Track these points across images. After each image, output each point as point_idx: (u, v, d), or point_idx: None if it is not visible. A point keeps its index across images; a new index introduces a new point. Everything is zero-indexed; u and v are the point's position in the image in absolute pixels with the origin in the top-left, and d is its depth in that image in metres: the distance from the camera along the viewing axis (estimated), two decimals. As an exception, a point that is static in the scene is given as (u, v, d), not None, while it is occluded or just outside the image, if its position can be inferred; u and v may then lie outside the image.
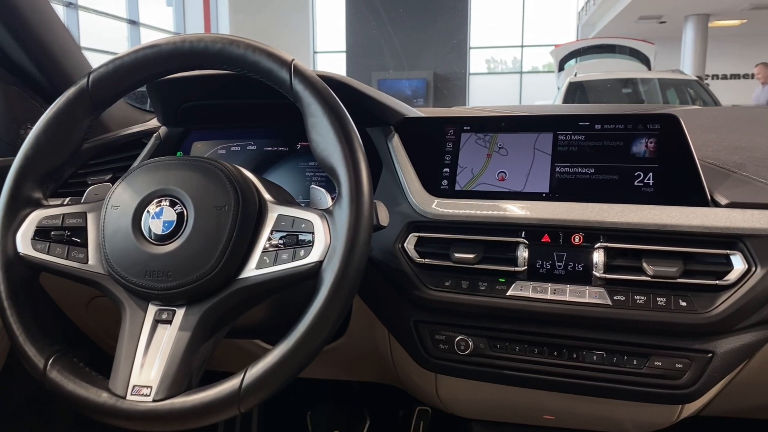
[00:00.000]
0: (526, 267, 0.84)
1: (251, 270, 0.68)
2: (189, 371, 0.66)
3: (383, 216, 0.71)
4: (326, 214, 0.68)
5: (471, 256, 0.85)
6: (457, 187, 0.92)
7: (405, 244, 0.88)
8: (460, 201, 0.89)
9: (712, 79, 14.07)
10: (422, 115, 1.03)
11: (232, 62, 0.71)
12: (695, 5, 11.84)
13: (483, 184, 0.91)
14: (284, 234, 0.68)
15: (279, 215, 0.70)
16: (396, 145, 0.96)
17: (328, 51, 15.98)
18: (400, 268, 0.88)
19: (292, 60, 0.70)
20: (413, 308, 0.90)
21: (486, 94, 16.05)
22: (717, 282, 0.77)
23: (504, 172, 0.90)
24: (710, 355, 0.78)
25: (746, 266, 0.76)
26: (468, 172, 0.92)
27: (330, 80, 0.82)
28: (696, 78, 7.44)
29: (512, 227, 0.86)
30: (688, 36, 12.56)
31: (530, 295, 0.82)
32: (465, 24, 14.10)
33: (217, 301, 0.68)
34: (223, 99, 1.04)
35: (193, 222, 0.68)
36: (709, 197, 0.81)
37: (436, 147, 0.94)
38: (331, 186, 0.70)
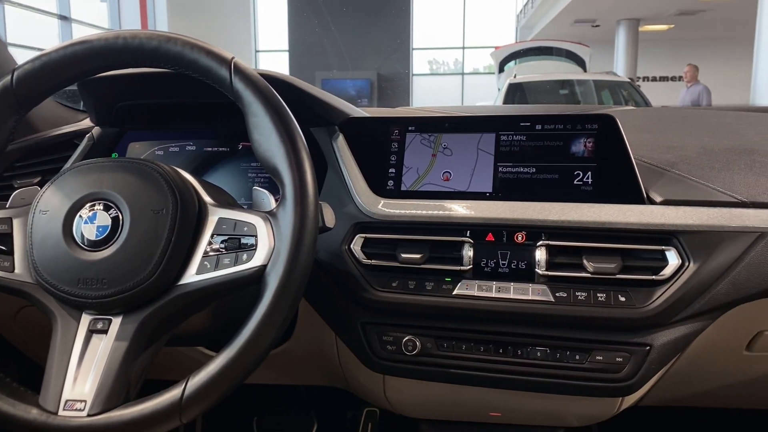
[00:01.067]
0: (471, 266, 0.85)
1: (191, 276, 0.66)
2: (126, 383, 0.64)
3: (329, 217, 0.70)
4: (269, 216, 0.66)
5: (417, 256, 0.85)
6: (403, 188, 0.91)
7: (351, 246, 0.88)
8: (406, 201, 0.89)
9: (643, 80, 14.72)
10: (367, 115, 1.02)
11: (169, 60, 0.68)
12: (627, 10, 12.36)
13: (428, 184, 0.91)
14: (226, 238, 0.66)
15: (220, 218, 0.68)
16: (341, 145, 0.95)
17: (270, 50, 15.77)
18: (346, 270, 0.87)
19: (232, 58, 0.68)
20: (360, 310, 0.89)
21: (429, 94, 16.23)
22: (653, 277, 0.79)
23: (449, 172, 0.91)
24: (648, 348, 0.81)
25: (680, 261, 0.79)
26: (413, 172, 0.92)
27: (272, 79, 0.80)
28: (628, 80, 7.76)
29: (457, 227, 0.86)
30: (621, 39, 13.10)
31: (475, 294, 0.83)
32: (407, 25, 14.23)
33: (155, 309, 0.65)
34: (160, 98, 1.00)
35: (129, 227, 0.65)
36: (645, 195, 0.84)
37: (382, 147, 0.94)
38: (274, 187, 0.69)
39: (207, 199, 0.70)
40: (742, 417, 1.41)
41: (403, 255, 0.85)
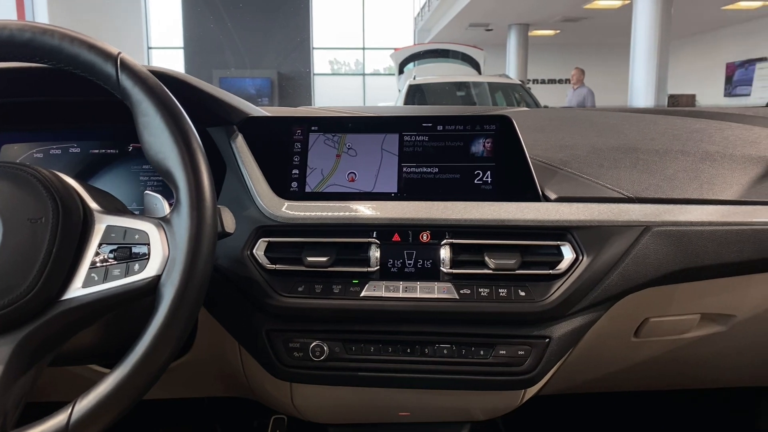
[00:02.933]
0: (378, 267, 0.84)
1: (77, 289, 0.60)
2: (3, 410, 0.57)
3: (228, 222, 0.67)
4: (163, 222, 0.62)
5: (324, 258, 0.83)
6: (307, 189, 0.89)
7: (254, 251, 0.84)
8: (310, 203, 0.87)
9: (533, 83, 15.53)
10: (268, 114, 0.99)
11: (46, 54, 0.62)
12: (517, 16, 12.99)
13: (333, 185, 0.89)
14: (115, 247, 0.61)
15: (108, 226, 0.63)
16: (240, 145, 0.91)
17: (164, 47, 15.07)
18: (249, 276, 0.84)
19: (119, 53, 0.63)
20: (265, 317, 0.86)
21: (331, 94, 16.22)
22: (550, 271, 0.83)
23: (354, 173, 0.90)
24: (547, 340, 0.84)
25: (575, 255, 0.83)
26: (318, 173, 0.90)
27: (162, 76, 0.75)
28: (520, 82, 8.14)
29: (364, 228, 0.86)
30: (512, 43, 13.75)
31: (383, 295, 0.83)
32: (307, 23, 14.11)
33: (35, 328, 0.59)
34: (38, 96, 0.91)
35: (2, 238, 0.59)
36: (541, 193, 0.87)
37: (284, 147, 0.91)
38: (168, 191, 0.65)
39: (93, 205, 0.65)
40: (629, 400, 1.52)
41: (309, 258, 0.83)
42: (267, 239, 0.85)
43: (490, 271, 0.83)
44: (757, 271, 0.89)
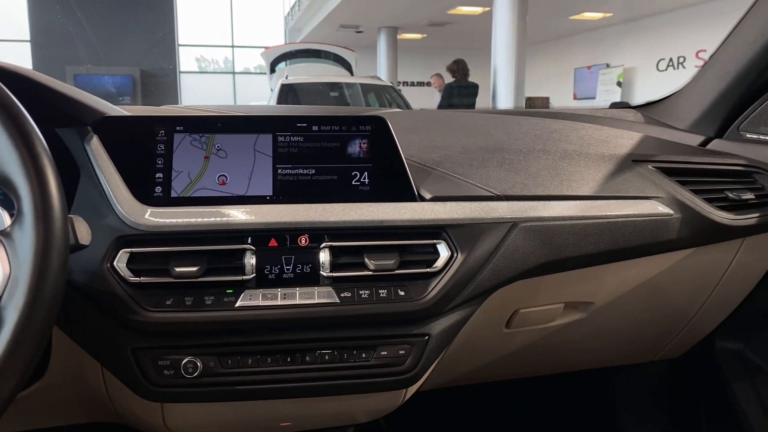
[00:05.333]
0: (254, 274, 0.80)
1: None
2: None
3: (83, 233, 0.60)
4: (3, 237, 0.54)
5: (194, 269, 0.78)
6: (173, 194, 0.83)
7: (115, 263, 0.77)
8: (177, 209, 0.81)
9: (403, 85, 15.97)
10: (127, 113, 0.91)
11: None
12: (385, 19, 13.29)
13: (202, 189, 0.84)
14: None
15: None
16: (95, 148, 0.83)
17: (7, 39, 13.56)
18: (110, 291, 0.76)
19: None
20: (130, 335, 0.79)
21: (199, 93, 15.58)
22: (428, 270, 0.84)
23: (224, 176, 0.85)
24: (427, 337, 0.85)
25: (450, 253, 0.85)
26: (184, 176, 0.84)
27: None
28: (391, 84, 8.32)
29: (237, 234, 0.81)
30: (382, 46, 14.05)
31: (260, 304, 0.79)
32: (170, 18, 13.37)
33: None
34: None
35: None
36: (416, 193, 0.88)
37: (146, 150, 0.85)
38: (8, 202, 0.57)
39: None
40: (503, 388, 1.59)
41: (177, 269, 0.77)
42: (129, 250, 0.78)
43: (370, 273, 0.82)
44: (611, 261, 0.97)
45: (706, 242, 1.03)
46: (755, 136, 1.19)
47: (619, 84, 12.99)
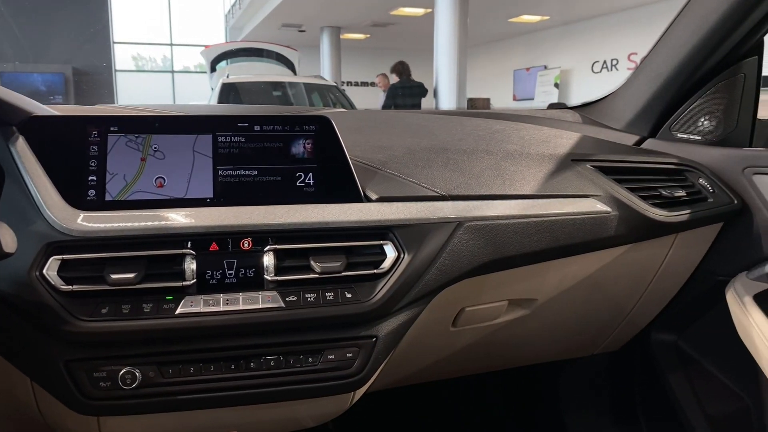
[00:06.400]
0: (195, 280, 0.78)
1: None
2: None
3: (7, 240, 0.57)
4: None
5: (131, 275, 0.74)
6: (108, 198, 0.79)
7: (45, 271, 0.73)
8: (112, 213, 0.78)
9: (347, 85, 15.95)
10: (56, 113, 0.86)
11: None
12: (328, 18, 13.23)
13: (139, 192, 0.81)
14: None
15: None
16: (22, 149, 0.78)
17: None
18: (39, 301, 0.72)
19: None
20: (62, 346, 0.75)
21: (136, 92, 15.08)
22: (375, 271, 0.83)
23: (162, 178, 0.82)
24: (374, 339, 0.85)
25: (397, 253, 0.84)
26: (120, 179, 0.81)
27: None
28: (335, 84, 8.29)
29: (176, 238, 0.78)
30: (325, 45, 13.98)
31: (201, 310, 0.76)
32: (103, 13, 12.86)
33: None
34: None
35: None
36: (362, 193, 0.87)
37: (77, 151, 0.80)
38: None
39: None
40: (450, 387, 1.61)
41: (113, 276, 0.74)
42: (60, 257, 0.74)
43: (317, 275, 0.81)
44: (553, 258, 0.99)
45: (642, 238, 1.07)
46: (686, 136, 1.25)
47: (556, 85, 13.41)
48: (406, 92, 7.48)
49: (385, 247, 0.85)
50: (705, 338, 1.28)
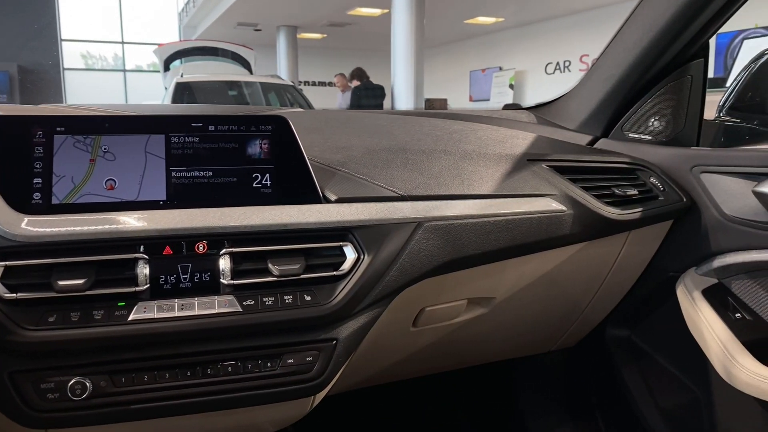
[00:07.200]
0: (148, 285, 0.75)
1: None
2: None
3: None
4: None
5: (80, 281, 0.71)
6: (55, 201, 0.76)
7: None
8: (59, 217, 0.74)
9: (305, 85, 15.84)
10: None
11: None
12: (284, 17, 13.12)
13: (88, 194, 0.78)
14: None
15: None
16: None
17: None
18: None
19: None
20: (6, 357, 0.71)
21: (86, 92, 14.62)
22: (334, 273, 0.82)
23: (113, 180, 0.79)
24: (334, 342, 0.84)
25: (357, 255, 0.84)
26: (67, 181, 0.77)
27: None
28: (292, 83, 8.22)
29: (128, 242, 0.76)
30: (282, 45, 13.86)
31: (155, 316, 0.74)
32: (50, 8, 12.41)
33: None
34: None
35: None
36: (321, 194, 0.86)
37: (21, 152, 0.77)
38: None
39: None
40: (410, 387, 1.61)
41: (61, 282, 0.71)
42: (3, 263, 0.70)
43: (275, 279, 0.79)
44: (511, 257, 1.00)
45: (597, 236, 1.09)
46: (637, 136, 1.28)
47: (511, 86, 13.65)
48: (369, 93, 7.62)
49: (344, 248, 0.84)
50: (657, 333, 1.32)
